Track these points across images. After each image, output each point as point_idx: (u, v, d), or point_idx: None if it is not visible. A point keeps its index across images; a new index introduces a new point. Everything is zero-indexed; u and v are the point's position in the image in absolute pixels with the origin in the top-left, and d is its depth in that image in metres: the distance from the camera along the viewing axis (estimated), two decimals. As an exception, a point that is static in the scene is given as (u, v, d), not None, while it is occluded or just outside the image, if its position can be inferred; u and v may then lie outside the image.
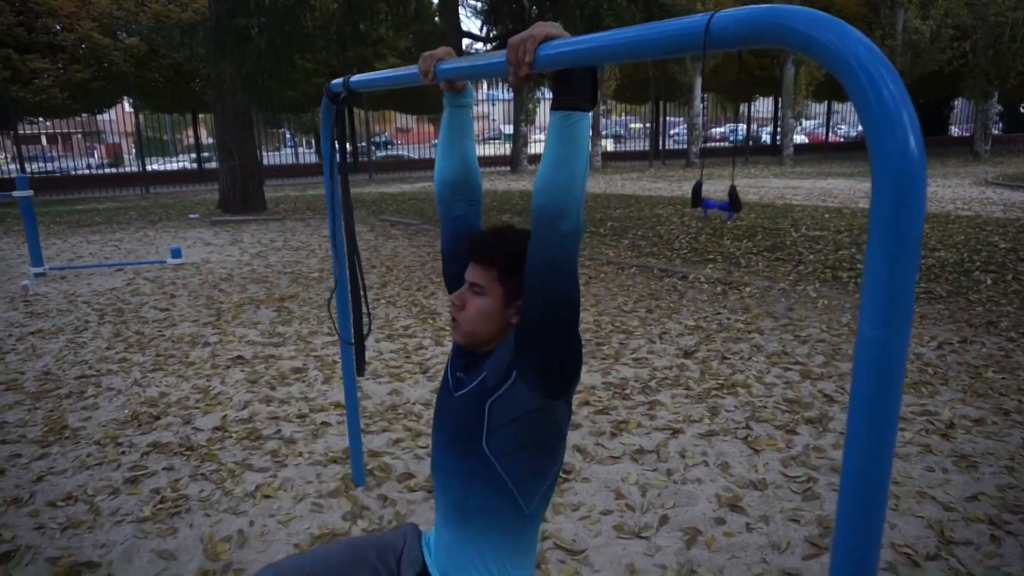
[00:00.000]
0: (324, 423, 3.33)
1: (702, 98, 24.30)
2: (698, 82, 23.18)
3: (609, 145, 31.16)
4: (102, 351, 4.51)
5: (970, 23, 21.12)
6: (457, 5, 9.75)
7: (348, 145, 2.28)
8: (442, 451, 1.33)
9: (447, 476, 1.32)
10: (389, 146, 33.86)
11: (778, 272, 6.23)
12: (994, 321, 4.62)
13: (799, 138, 32.24)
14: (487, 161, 25.76)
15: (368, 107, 23.11)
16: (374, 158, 24.68)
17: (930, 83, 23.70)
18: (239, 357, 4.31)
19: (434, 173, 1.59)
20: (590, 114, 1.16)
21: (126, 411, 3.51)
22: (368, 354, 4.34)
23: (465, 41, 10.66)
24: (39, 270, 7.09)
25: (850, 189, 14.75)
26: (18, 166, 19.66)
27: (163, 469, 2.89)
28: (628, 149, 29.16)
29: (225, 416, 3.42)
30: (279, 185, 19.91)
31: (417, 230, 9.74)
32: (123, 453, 3.04)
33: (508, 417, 1.23)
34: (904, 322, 0.75)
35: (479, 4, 18.45)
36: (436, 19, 15.09)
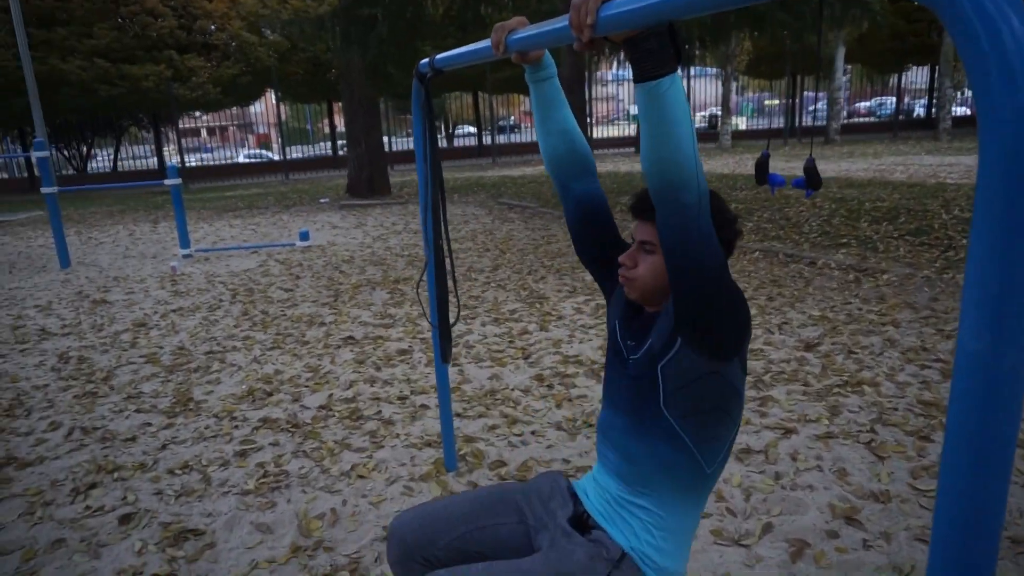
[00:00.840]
0: (423, 406, 3.36)
1: (845, 70, 22.55)
2: (840, 52, 21.52)
3: (742, 124, 29.70)
4: (230, 328, 4.82)
5: None
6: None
7: (449, 129, 2.23)
8: (619, 415, 1.33)
9: (623, 436, 1.32)
10: (515, 130, 34.09)
11: (922, 258, 5.63)
12: None
13: (959, 110, 29.25)
14: (611, 143, 25.33)
15: (492, 91, 23.34)
16: (497, 142, 24.94)
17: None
18: (350, 338, 4.45)
19: (543, 157, 1.51)
20: (678, 73, 1.03)
21: (244, 387, 3.71)
22: (472, 338, 4.34)
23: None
24: (187, 252, 7.70)
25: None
26: (180, 157, 21.56)
27: (270, 444, 3.02)
28: (761, 127, 27.66)
29: (331, 395, 3.54)
30: (405, 170, 20.58)
31: (534, 213, 9.70)
32: (236, 427, 3.21)
33: (682, 381, 1.22)
34: (1019, 331, 0.58)
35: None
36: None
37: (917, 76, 31.19)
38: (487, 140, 25.68)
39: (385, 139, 18.41)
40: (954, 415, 0.61)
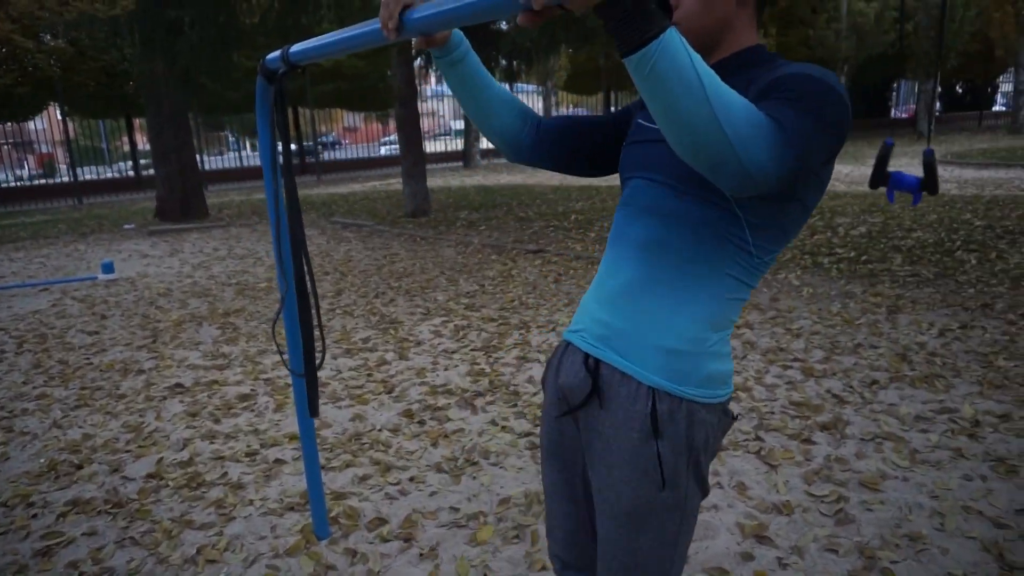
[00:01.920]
0: (278, 460, 2.89)
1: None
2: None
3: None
4: (18, 387, 3.96)
5: (912, 4, 21.45)
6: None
7: (290, 140, 1.85)
8: (655, 195, 1.10)
9: (664, 218, 1.09)
10: (336, 146, 33.00)
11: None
12: (989, 303, 4.41)
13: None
14: (437, 158, 25.23)
15: (314, 106, 22.36)
16: (321, 158, 23.93)
17: (874, 66, 24.05)
18: (178, 385, 3.82)
19: (496, 142, 1.30)
20: (667, 35, 0.80)
21: (42, 460, 3.01)
22: (325, 374, 3.90)
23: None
24: (-48, 294, 6.40)
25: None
26: (-64, 180, 18.43)
27: (83, 535, 2.41)
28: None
29: (161, 459, 2.95)
30: (223, 190, 19.09)
31: (371, 231, 9.25)
32: (35, 516, 2.55)
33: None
34: None
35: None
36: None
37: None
38: (309, 157, 24.55)
39: (197, 157, 16.92)
40: None
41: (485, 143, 25.60)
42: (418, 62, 10.51)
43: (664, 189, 1.09)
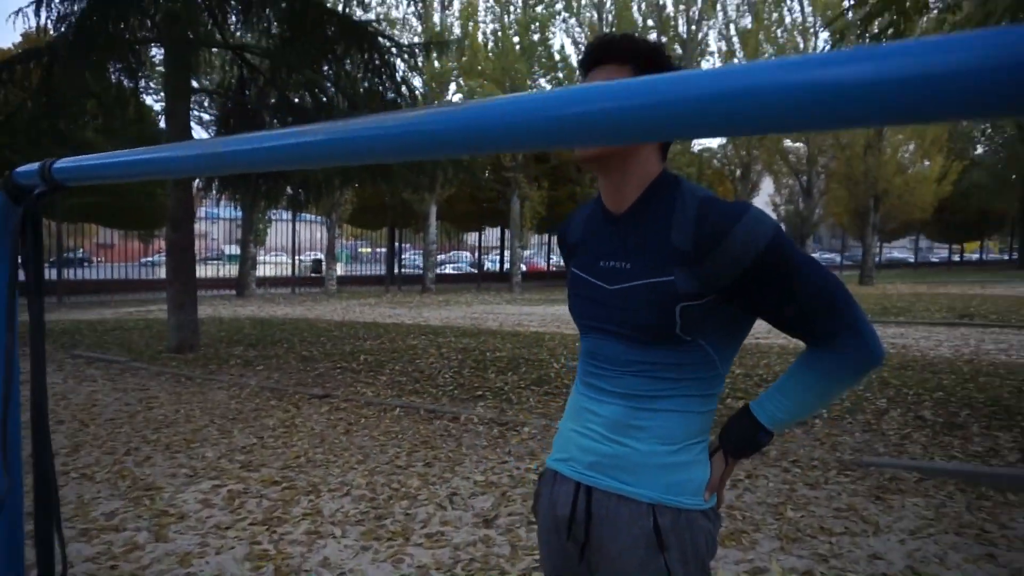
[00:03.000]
0: None
1: (437, 225, 25.08)
2: (433, 210, 23.93)
3: (339, 269, 30.52)
4: None
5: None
6: (189, 108, 8.68)
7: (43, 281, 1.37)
8: (619, 347, 1.22)
9: (634, 364, 1.21)
10: (86, 263, 29.41)
11: (551, 408, 5.98)
12: (766, 450, 4.75)
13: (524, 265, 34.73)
14: (207, 284, 23.42)
15: (62, 219, 19.85)
16: (65, 278, 21.00)
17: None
18: None
19: None
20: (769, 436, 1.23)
21: None
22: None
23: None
24: None
25: (579, 314, 15.79)
26: None
27: None
28: (363, 274, 28.77)
29: None
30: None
31: (124, 368, 7.99)
32: None
33: (702, 313, 1.18)
34: None
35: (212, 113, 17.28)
36: (161, 123, 13.62)
37: (487, 235, 36.45)
38: (53, 274, 21.45)
39: None
40: None
41: (262, 270, 24.38)
42: (197, 183, 9.78)
43: (625, 341, 1.21)
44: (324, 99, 8.97)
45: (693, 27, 26.41)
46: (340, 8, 10.37)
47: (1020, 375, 7.25)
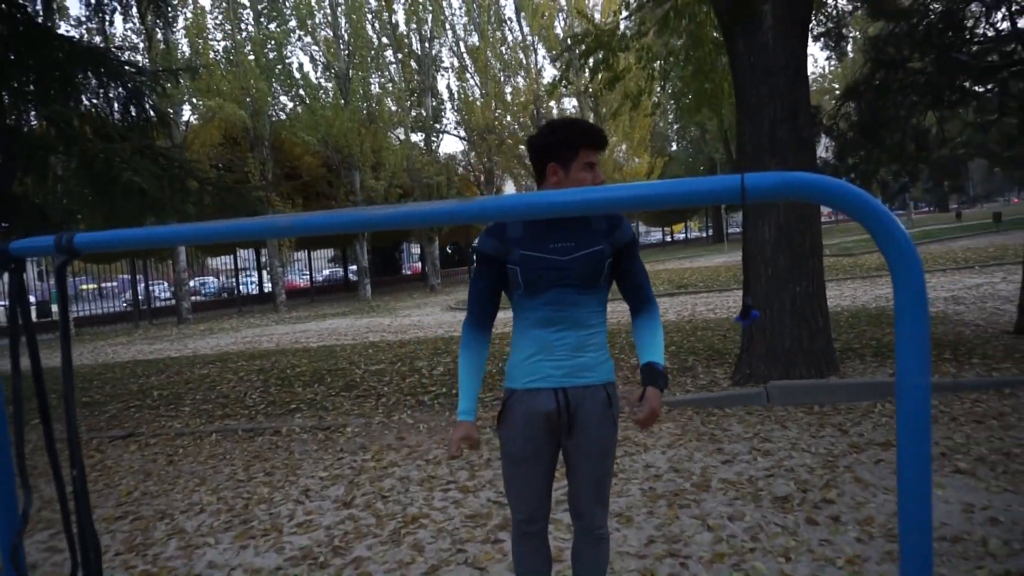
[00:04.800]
0: None
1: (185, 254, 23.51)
2: (179, 237, 22.39)
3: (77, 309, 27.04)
4: None
5: (409, 183, 25.97)
6: None
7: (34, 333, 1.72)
8: (572, 295, 2.08)
9: (581, 304, 2.09)
10: None
11: (366, 408, 6.50)
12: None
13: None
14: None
15: None
16: None
17: (386, 232, 27.89)
18: None
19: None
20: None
21: None
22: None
23: None
24: None
25: (351, 326, 16.13)
26: None
27: None
28: (98, 312, 25.82)
29: None
30: None
31: None
32: None
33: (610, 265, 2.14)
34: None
35: None
36: None
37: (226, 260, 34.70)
38: None
39: None
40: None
41: (-29, 324, 20.95)
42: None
43: (575, 291, 2.09)
44: (68, 129, 8.39)
45: (427, 44, 27.83)
46: (67, 32, 9.65)
47: (724, 326, 9.31)
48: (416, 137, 28.32)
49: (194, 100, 22.70)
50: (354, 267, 30.59)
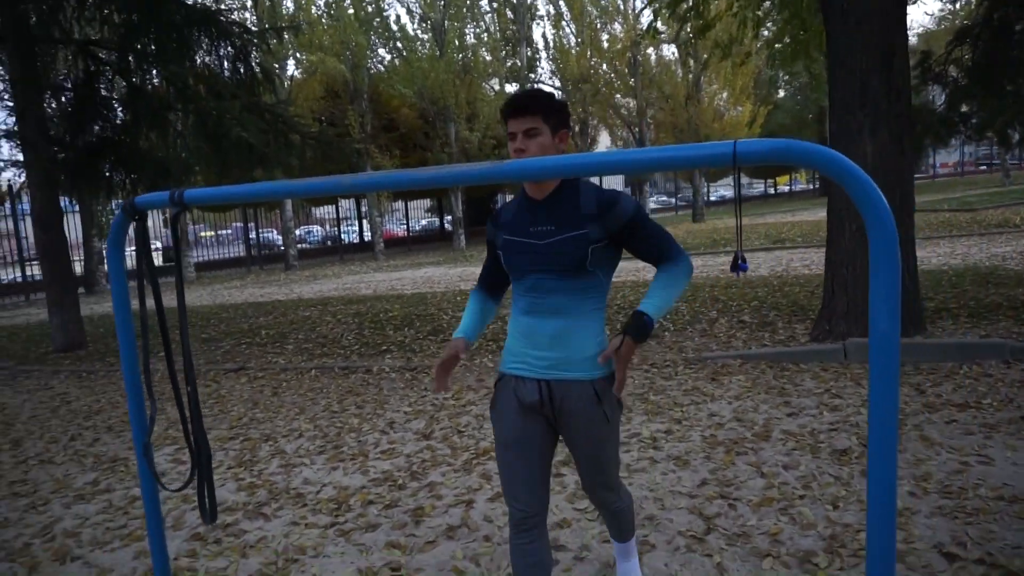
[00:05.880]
0: None
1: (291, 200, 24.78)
2: (286, 188, 23.61)
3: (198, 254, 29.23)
4: None
5: (503, 134, 26.07)
6: (43, 105, 8.44)
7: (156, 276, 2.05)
8: (553, 283, 1.94)
9: (564, 292, 1.95)
10: None
11: (450, 352, 6.88)
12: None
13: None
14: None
15: None
16: None
17: (479, 185, 28.24)
18: None
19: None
20: (652, 322, 1.87)
21: None
22: (71, 522, 3.53)
23: None
24: None
25: (445, 275, 16.68)
26: None
27: None
28: (216, 257, 27.79)
29: None
30: None
31: (14, 372, 7.95)
32: None
33: (602, 252, 1.96)
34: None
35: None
36: None
37: (332, 209, 36.17)
38: None
39: None
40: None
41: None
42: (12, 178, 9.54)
43: (555, 278, 1.96)
44: (184, 88, 9.07)
45: (523, -9, 27.49)
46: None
47: (814, 282, 9.08)
48: (511, 88, 28.33)
49: (297, 55, 23.59)
50: (449, 217, 31.32)
